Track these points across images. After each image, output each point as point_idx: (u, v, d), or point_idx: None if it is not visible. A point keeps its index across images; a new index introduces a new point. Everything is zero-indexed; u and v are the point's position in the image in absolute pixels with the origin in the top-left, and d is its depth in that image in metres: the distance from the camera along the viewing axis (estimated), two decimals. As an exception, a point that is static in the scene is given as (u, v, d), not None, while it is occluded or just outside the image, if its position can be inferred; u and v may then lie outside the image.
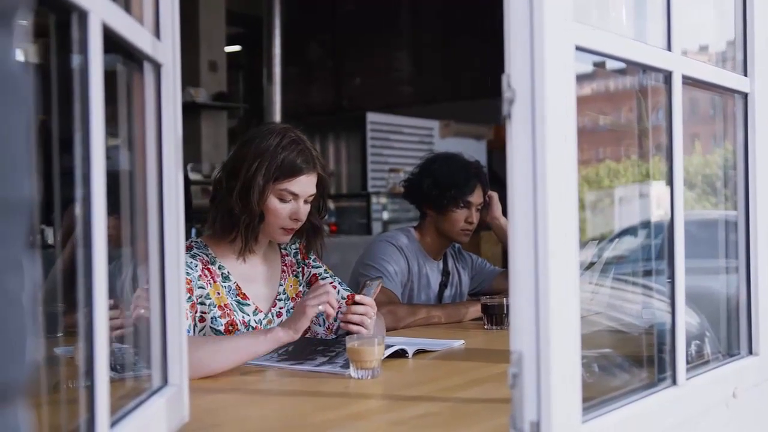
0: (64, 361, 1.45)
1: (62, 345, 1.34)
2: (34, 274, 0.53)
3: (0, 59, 0.47)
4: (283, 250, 2.27)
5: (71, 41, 0.94)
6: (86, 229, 0.93)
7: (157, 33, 1.26)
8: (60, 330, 1.30)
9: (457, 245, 3.02)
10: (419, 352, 2.05)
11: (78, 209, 0.95)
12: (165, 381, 1.28)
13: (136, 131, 1.26)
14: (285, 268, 2.24)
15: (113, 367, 1.11)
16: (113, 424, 1.01)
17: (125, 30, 1.07)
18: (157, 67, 1.26)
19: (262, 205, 2.06)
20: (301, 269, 2.27)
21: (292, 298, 2.22)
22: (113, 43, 1.03)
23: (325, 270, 2.31)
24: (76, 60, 0.94)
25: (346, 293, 2.26)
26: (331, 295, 1.90)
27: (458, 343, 2.22)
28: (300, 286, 2.25)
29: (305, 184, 2.08)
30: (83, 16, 0.92)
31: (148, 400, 1.20)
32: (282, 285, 2.21)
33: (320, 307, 1.88)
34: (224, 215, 2.08)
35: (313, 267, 2.29)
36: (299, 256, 2.28)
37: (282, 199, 2.07)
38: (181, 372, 1.30)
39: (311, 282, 2.26)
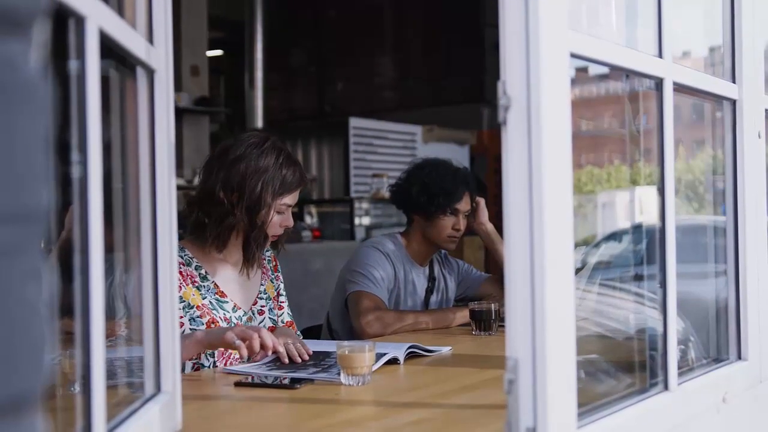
0: (51, 369, 1.43)
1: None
2: (50, 282, 0.52)
3: (19, 68, 0.46)
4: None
5: (67, 46, 0.93)
6: (83, 234, 0.92)
7: (150, 38, 1.25)
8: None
9: (443, 251, 3.02)
10: (410, 357, 2.04)
11: (73, 214, 0.94)
12: (158, 388, 1.27)
13: (129, 136, 1.25)
14: (264, 269, 2.33)
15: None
16: (109, 432, 1.00)
17: (121, 35, 1.06)
18: (150, 72, 1.25)
19: (269, 221, 2.14)
20: (276, 276, 2.37)
21: (273, 298, 2.31)
22: (107, 48, 1.02)
23: (284, 287, 2.39)
24: (72, 65, 0.93)
25: (288, 318, 2.35)
26: (255, 341, 1.85)
27: (446, 350, 2.21)
28: (275, 290, 2.35)
29: (297, 196, 2.22)
30: (80, 21, 0.92)
31: (142, 408, 1.19)
32: (263, 285, 2.30)
33: (237, 342, 1.84)
34: (225, 229, 2.12)
35: (280, 281, 2.38)
36: (271, 264, 2.37)
37: (280, 212, 2.17)
38: (174, 380, 1.29)
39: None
